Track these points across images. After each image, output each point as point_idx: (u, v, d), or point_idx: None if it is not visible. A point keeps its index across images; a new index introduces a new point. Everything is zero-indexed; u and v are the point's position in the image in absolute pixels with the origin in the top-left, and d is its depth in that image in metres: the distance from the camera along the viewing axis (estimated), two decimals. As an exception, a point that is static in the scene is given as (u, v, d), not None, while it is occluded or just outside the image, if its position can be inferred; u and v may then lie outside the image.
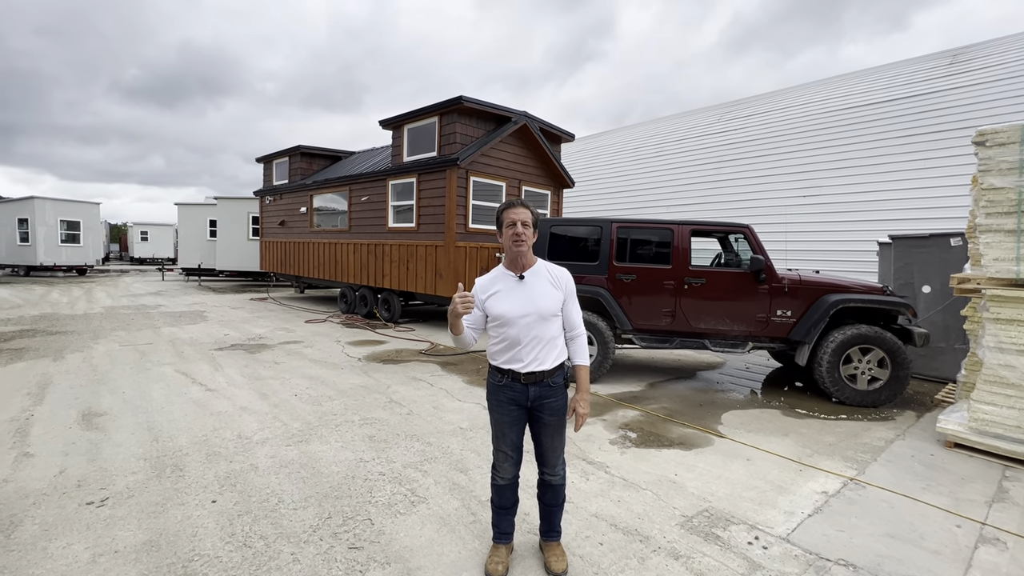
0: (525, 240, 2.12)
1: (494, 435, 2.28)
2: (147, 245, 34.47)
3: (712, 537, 2.61)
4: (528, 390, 2.16)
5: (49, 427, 3.96)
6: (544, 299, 2.13)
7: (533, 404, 2.18)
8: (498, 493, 2.32)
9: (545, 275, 2.20)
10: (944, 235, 6.04)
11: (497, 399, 2.20)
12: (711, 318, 5.50)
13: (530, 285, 2.15)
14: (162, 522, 2.65)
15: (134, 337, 7.82)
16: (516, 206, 2.15)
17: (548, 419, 2.21)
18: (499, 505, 2.33)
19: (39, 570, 2.23)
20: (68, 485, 3.02)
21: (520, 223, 2.11)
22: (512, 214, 2.13)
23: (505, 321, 2.11)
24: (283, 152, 13.81)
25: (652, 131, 18.46)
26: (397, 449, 3.68)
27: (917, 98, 11.67)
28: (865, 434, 4.24)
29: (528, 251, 2.16)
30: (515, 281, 2.16)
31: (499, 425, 2.23)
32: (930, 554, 2.50)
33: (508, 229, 2.13)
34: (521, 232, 2.10)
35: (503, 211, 2.17)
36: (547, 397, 2.19)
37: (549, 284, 2.18)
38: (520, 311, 2.10)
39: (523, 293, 2.13)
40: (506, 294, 2.14)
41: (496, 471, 2.31)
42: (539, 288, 2.15)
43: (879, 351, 4.96)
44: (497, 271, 2.24)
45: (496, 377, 2.21)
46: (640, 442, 3.96)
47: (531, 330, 2.11)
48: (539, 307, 2.11)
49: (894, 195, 10.40)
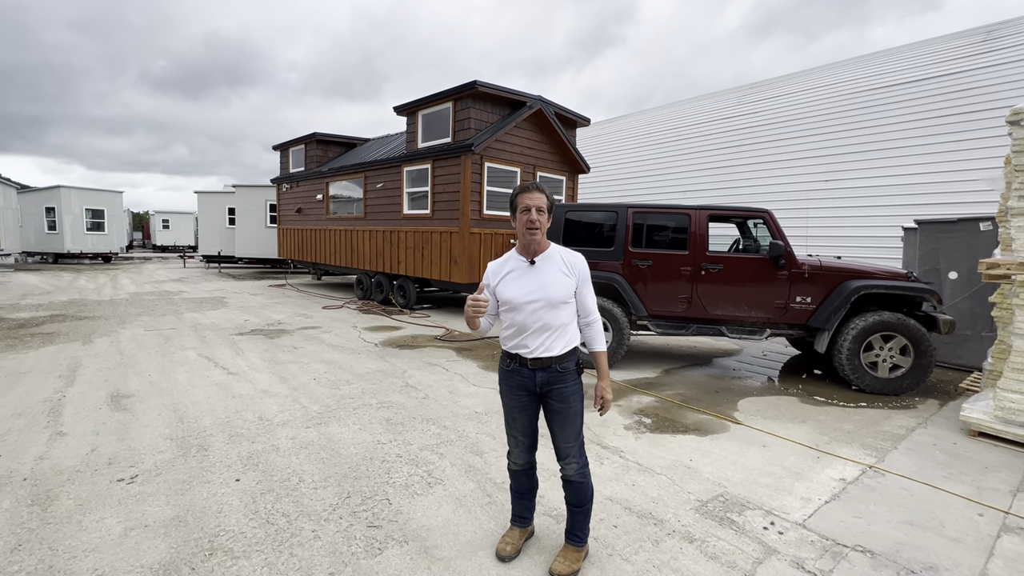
0: (539, 227, 2.06)
1: (506, 420, 2.26)
2: (169, 233, 35.17)
3: (727, 521, 2.61)
4: (536, 375, 2.11)
5: (80, 408, 4.10)
6: (554, 285, 2.07)
7: (542, 390, 2.13)
8: (513, 478, 2.33)
9: (558, 261, 2.14)
10: (973, 219, 5.86)
11: (507, 384, 2.18)
12: (728, 304, 5.44)
13: (540, 271, 2.10)
14: (188, 499, 2.74)
15: (158, 322, 8.02)
16: (531, 190, 2.08)
17: (556, 405, 2.13)
18: (515, 489, 2.34)
19: (75, 542, 2.33)
20: (100, 463, 3.14)
21: (535, 209, 2.05)
22: (527, 199, 2.07)
23: (513, 306, 2.08)
24: (299, 140, 13.90)
25: (669, 115, 18.11)
26: (414, 432, 3.74)
27: (946, 77, 11.23)
28: (885, 422, 4.18)
29: (542, 238, 2.11)
30: (526, 266, 2.12)
31: (509, 410, 2.21)
32: (950, 542, 2.47)
33: (523, 215, 2.07)
34: (536, 219, 2.05)
35: (518, 195, 2.10)
36: (556, 383, 2.11)
37: (560, 270, 2.11)
38: (528, 296, 2.06)
39: (532, 278, 2.09)
40: (515, 279, 2.11)
41: (510, 456, 2.30)
42: (550, 274, 2.10)
43: (902, 338, 4.86)
44: (510, 255, 2.21)
45: (505, 362, 2.19)
46: (655, 427, 3.96)
47: (539, 316, 2.06)
48: (548, 293, 2.06)
49: (920, 179, 10.08)
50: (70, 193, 20.70)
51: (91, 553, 2.25)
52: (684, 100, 19.10)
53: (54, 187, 20.66)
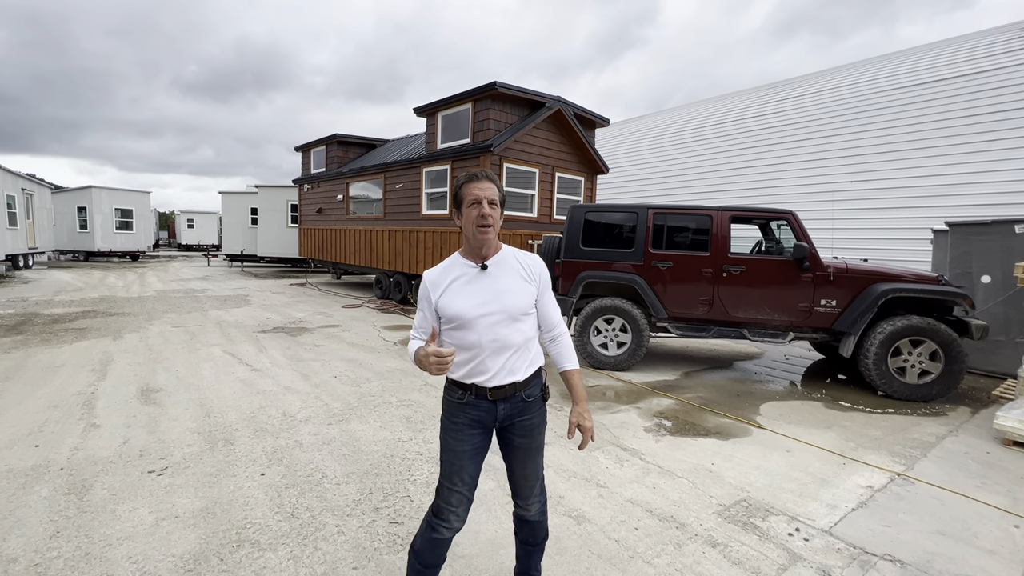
0: (492, 224, 1.66)
1: (446, 470, 1.73)
2: (193, 232, 36.03)
3: (750, 527, 2.58)
4: (497, 408, 1.70)
5: (112, 401, 4.23)
6: (513, 294, 1.69)
7: (502, 424, 1.74)
8: (433, 548, 1.74)
9: (514, 264, 1.74)
10: (1008, 222, 5.66)
11: (455, 422, 1.72)
12: (751, 307, 5.36)
13: (494, 277, 1.70)
14: (216, 491, 2.81)
15: (184, 319, 8.23)
16: (480, 179, 1.69)
17: (520, 441, 1.76)
18: (428, 564, 1.75)
19: (110, 530, 2.41)
20: (131, 454, 3.23)
21: (487, 201, 1.65)
22: (476, 189, 1.66)
23: (463, 323, 1.65)
24: (320, 141, 14.12)
25: (689, 115, 17.92)
26: (434, 431, 3.76)
27: (980, 75, 10.89)
28: (914, 429, 4.07)
29: (495, 237, 1.71)
30: (475, 272, 1.70)
31: (456, 456, 1.71)
32: (985, 553, 2.40)
33: (471, 208, 1.66)
34: (488, 213, 1.64)
35: (463, 185, 1.70)
36: (520, 415, 1.74)
37: (519, 276, 1.73)
38: (481, 309, 1.65)
39: (485, 287, 1.68)
40: (463, 288, 1.68)
41: (439, 519, 1.72)
42: (506, 280, 1.70)
43: (931, 343, 4.73)
44: (452, 260, 1.76)
45: (455, 395, 1.73)
46: (675, 430, 3.92)
47: (496, 333, 1.66)
48: (506, 304, 1.67)
49: (951, 180, 9.80)
50: (100, 193, 21.37)
51: (125, 542, 2.32)
52: (705, 100, 18.88)
53: (85, 187, 21.35)
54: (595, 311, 5.72)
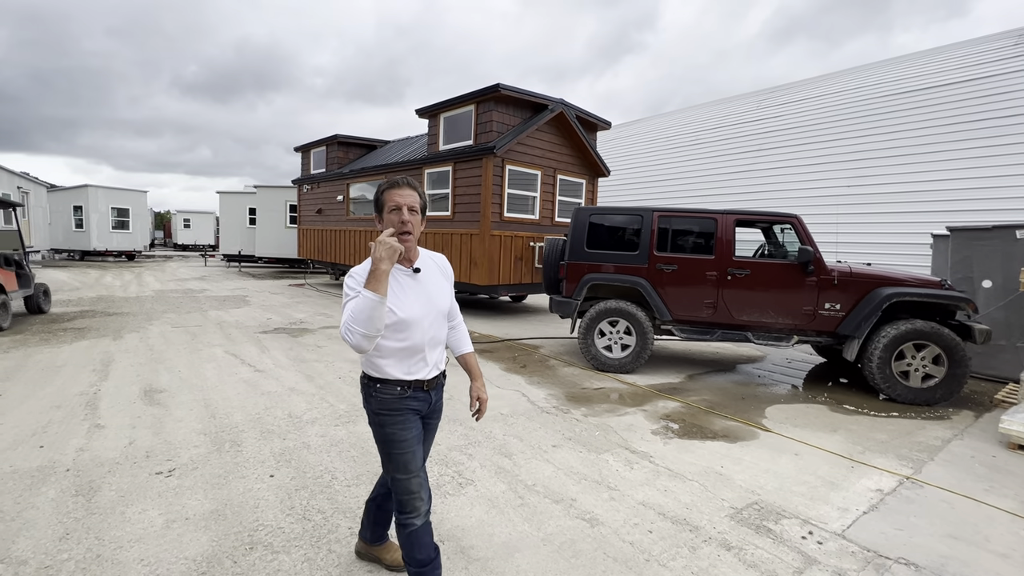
0: (411, 230, 1.72)
1: (396, 465, 1.77)
2: (189, 232, 35.81)
3: (763, 530, 2.58)
4: (431, 396, 1.86)
5: (115, 401, 4.19)
6: (441, 295, 1.85)
7: (430, 411, 1.89)
8: (420, 537, 1.77)
9: (432, 266, 1.88)
10: (1008, 227, 5.71)
11: (401, 416, 1.78)
12: (755, 310, 5.38)
13: (425, 280, 1.82)
14: (226, 493, 2.78)
15: (184, 319, 8.17)
16: (402, 186, 1.74)
17: (433, 422, 1.96)
18: (424, 562, 1.78)
19: (120, 532, 2.38)
20: (138, 456, 3.20)
21: (407, 208, 1.71)
22: (397, 196, 1.72)
23: (406, 324, 1.73)
24: (320, 141, 14.08)
25: (688, 119, 18.00)
26: (441, 433, 3.73)
27: (976, 82, 11.01)
28: (919, 432, 4.09)
29: (415, 243, 1.78)
30: (408, 276, 1.79)
31: (407, 444, 1.78)
32: (998, 557, 2.41)
33: (392, 214, 1.71)
34: (408, 219, 1.71)
35: (385, 191, 1.75)
36: (440, 399, 1.94)
37: (440, 275, 1.90)
38: (422, 311, 1.76)
39: (421, 290, 1.79)
40: (403, 293, 1.75)
41: (408, 513, 1.77)
42: (433, 282, 1.85)
43: (935, 347, 4.76)
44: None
45: (394, 391, 1.78)
46: (683, 433, 3.93)
47: (434, 331, 1.82)
48: (439, 305, 1.83)
49: (950, 185, 9.88)
50: (97, 192, 21.22)
51: (136, 544, 2.30)
52: (704, 104, 18.97)
53: (82, 186, 21.20)
54: (599, 313, 5.72)
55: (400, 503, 1.78)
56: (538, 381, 5.23)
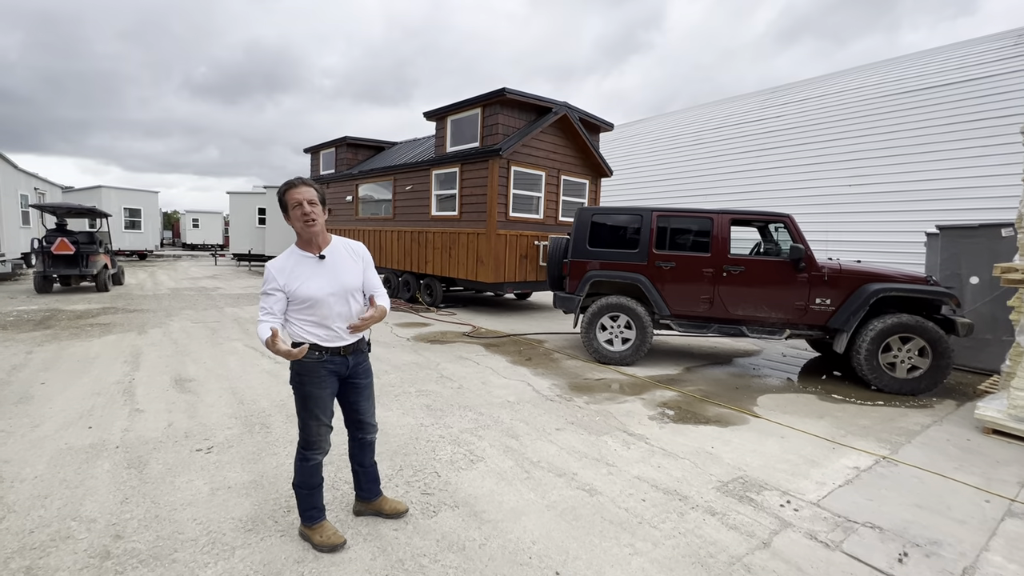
0: (316, 219, 2.08)
1: (310, 414, 2.22)
2: (198, 232, 36.31)
3: (746, 499, 2.86)
4: (348, 360, 2.24)
5: (149, 389, 4.52)
6: (348, 275, 2.18)
7: (351, 372, 2.27)
8: (314, 473, 2.31)
9: (343, 250, 2.23)
10: (995, 225, 5.94)
11: (317, 375, 2.17)
12: (749, 305, 5.64)
13: (332, 263, 2.16)
14: (261, 467, 3.09)
15: (202, 316, 8.52)
16: (297, 185, 2.09)
17: (363, 381, 2.34)
18: (314, 485, 2.32)
19: (172, 498, 2.69)
20: (177, 435, 3.52)
21: (307, 202, 2.07)
22: (295, 194, 2.07)
23: (314, 303, 2.10)
24: (330, 143, 14.41)
25: (691, 118, 18.21)
26: (452, 417, 4.05)
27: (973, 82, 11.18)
28: (901, 419, 4.35)
29: (321, 229, 2.14)
30: (315, 261, 2.14)
31: (320, 399, 2.20)
32: (955, 522, 2.68)
33: (295, 210, 2.08)
34: (309, 211, 2.06)
35: (284, 193, 2.10)
36: (362, 362, 2.32)
37: (349, 259, 2.22)
38: (327, 290, 2.11)
39: (326, 271, 2.14)
40: (309, 276, 2.11)
41: (312, 450, 2.27)
42: (341, 264, 2.18)
43: (920, 340, 5.01)
44: (291, 252, 2.17)
45: (313, 356, 2.15)
46: (678, 419, 4.20)
47: (341, 307, 2.16)
48: (344, 283, 2.16)
49: (944, 184, 10.08)
50: (110, 193, 21.69)
51: (188, 507, 2.61)
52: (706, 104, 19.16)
53: (95, 187, 21.67)
54: (601, 308, 6.00)
55: (308, 442, 2.27)
56: (543, 372, 5.52)
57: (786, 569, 2.25)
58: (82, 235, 11.28)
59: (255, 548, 2.29)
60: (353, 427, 2.45)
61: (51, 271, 10.67)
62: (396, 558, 2.25)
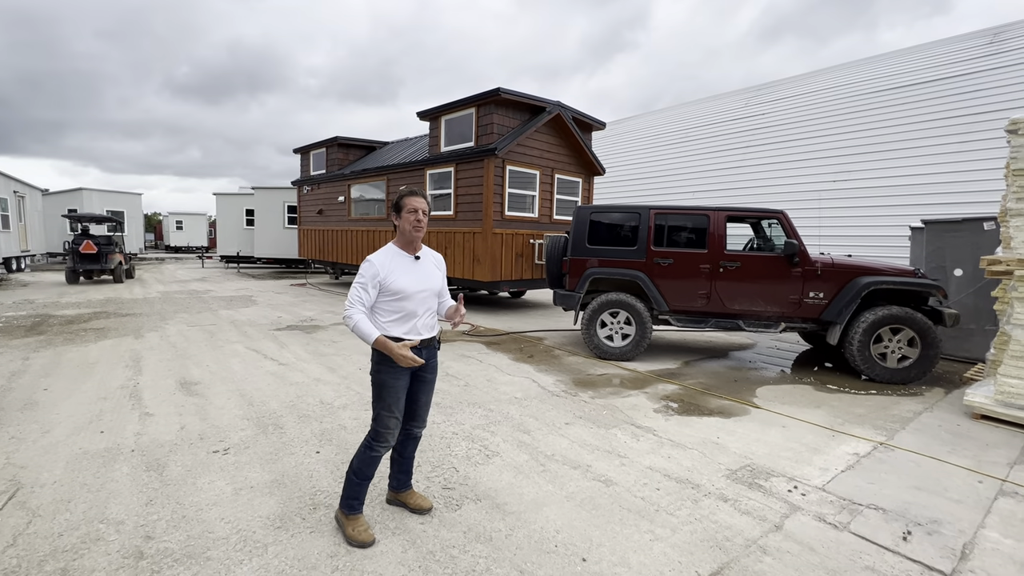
0: (423, 226, 2.39)
1: (386, 404, 2.34)
2: (182, 234, 35.73)
3: (755, 486, 2.98)
4: (422, 353, 2.39)
5: (156, 393, 4.51)
6: (434, 278, 2.46)
7: (423, 366, 2.40)
8: (372, 464, 2.40)
9: (431, 257, 2.52)
10: (977, 219, 6.17)
11: (394, 366, 2.30)
12: (745, 300, 5.79)
13: (424, 265, 2.44)
14: (280, 467, 3.13)
15: (197, 319, 8.45)
16: (418, 195, 2.38)
17: (429, 376, 2.50)
18: (367, 476, 2.42)
19: (196, 499, 2.72)
20: (192, 438, 3.53)
21: (421, 211, 2.36)
22: (415, 202, 2.35)
23: (405, 295, 2.32)
24: (320, 143, 14.33)
25: (679, 116, 18.42)
26: (463, 414, 4.11)
27: (953, 79, 11.52)
28: (894, 407, 4.52)
29: (423, 235, 2.45)
30: (411, 261, 2.40)
31: (396, 390, 2.35)
32: (952, 502, 2.83)
33: (410, 215, 2.35)
34: (422, 219, 2.36)
35: (405, 197, 2.37)
36: (432, 357, 2.50)
37: (435, 266, 2.51)
38: (418, 286, 2.36)
39: (419, 271, 2.40)
40: (404, 272, 2.35)
41: (380, 442, 2.37)
42: (429, 268, 2.47)
43: (909, 331, 5.20)
44: (390, 250, 2.41)
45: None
46: (682, 411, 4.32)
47: (425, 303, 2.41)
48: (432, 284, 2.43)
49: (927, 179, 10.38)
50: (92, 195, 21.29)
51: (213, 507, 2.64)
52: (694, 101, 19.39)
53: (76, 189, 21.26)
54: (601, 305, 6.11)
55: (376, 433, 2.38)
56: (546, 369, 5.60)
57: (799, 550, 2.36)
58: (102, 237, 13.58)
59: (287, 544, 2.34)
60: (407, 418, 2.53)
61: (79, 266, 13.11)
62: (427, 550, 2.32)
